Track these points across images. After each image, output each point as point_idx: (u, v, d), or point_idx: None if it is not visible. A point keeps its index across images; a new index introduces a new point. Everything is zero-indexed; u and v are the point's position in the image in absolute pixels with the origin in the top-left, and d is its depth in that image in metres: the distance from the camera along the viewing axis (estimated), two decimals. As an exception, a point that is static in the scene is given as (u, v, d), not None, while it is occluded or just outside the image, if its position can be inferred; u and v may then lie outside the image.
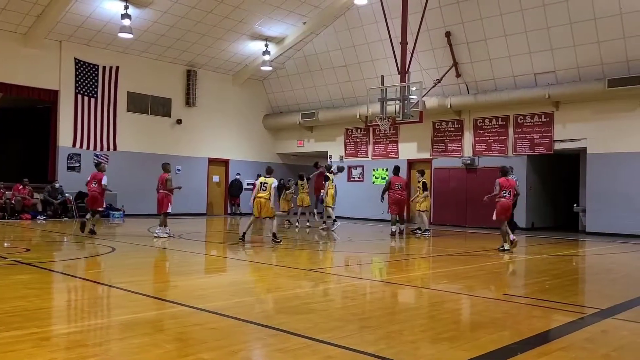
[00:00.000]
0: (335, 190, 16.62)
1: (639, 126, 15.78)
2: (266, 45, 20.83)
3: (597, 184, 16.45)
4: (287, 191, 18.45)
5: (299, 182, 17.34)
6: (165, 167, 13.13)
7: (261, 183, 11.55)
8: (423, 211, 15.18)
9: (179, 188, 13.26)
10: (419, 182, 15.32)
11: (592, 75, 16.27)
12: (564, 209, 19.15)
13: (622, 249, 12.63)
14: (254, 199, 11.58)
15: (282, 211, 18.34)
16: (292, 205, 18.46)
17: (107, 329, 4.44)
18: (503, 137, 18.49)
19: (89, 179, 13.03)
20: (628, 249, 12.52)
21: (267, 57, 21.01)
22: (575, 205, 18.02)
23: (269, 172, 11.87)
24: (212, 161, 23.03)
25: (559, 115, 17.34)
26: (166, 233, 12.41)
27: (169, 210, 12.54)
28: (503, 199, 11.12)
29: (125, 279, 6.74)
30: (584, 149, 16.93)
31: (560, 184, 19.89)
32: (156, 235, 12.37)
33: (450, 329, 4.73)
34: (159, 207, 12.66)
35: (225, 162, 23.51)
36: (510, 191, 11.13)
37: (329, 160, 23.32)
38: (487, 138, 18.86)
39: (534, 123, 17.84)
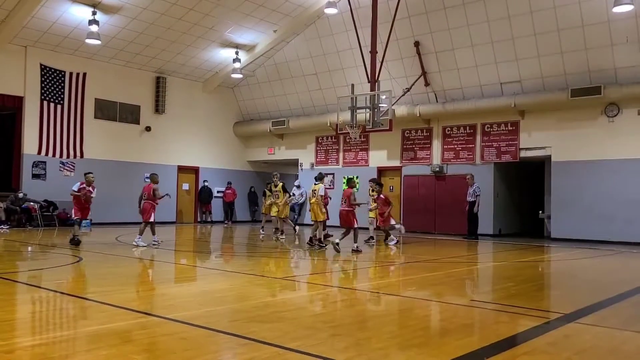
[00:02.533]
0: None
1: (601, 135, 16.28)
2: (237, 53, 20.79)
3: (562, 191, 16.88)
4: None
5: (268, 188, 16.54)
6: (153, 178, 12.80)
7: (312, 190, 12.82)
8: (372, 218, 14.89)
9: (168, 196, 13.29)
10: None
11: (556, 85, 16.73)
12: (530, 216, 19.58)
13: (586, 254, 12.97)
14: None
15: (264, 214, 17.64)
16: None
17: (73, 341, 4.36)
18: (471, 145, 18.83)
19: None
20: (591, 255, 12.87)
21: (237, 65, 20.96)
22: (540, 211, 18.46)
23: (319, 178, 13.04)
24: (181, 169, 22.81)
25: (524, 123, 17.76)
26: (144, 243, 12.20)
27: (152, 219, 12.34)
28: None
29: (92, 289, 6.62)
30: (549, 157, 17.37)
31: (526, 191, 20.34)
32: (135, 243, 12.15)
33: (419, 335, 4.80)
34: (143, 216, 12.43)
35: (195, 170, 23.30)
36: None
37: (300, 167, 23.38)
38: (456, 146, 19.18)
39: (500, 131, 18.22)
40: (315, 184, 12.84)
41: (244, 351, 4.13)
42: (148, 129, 21.42)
